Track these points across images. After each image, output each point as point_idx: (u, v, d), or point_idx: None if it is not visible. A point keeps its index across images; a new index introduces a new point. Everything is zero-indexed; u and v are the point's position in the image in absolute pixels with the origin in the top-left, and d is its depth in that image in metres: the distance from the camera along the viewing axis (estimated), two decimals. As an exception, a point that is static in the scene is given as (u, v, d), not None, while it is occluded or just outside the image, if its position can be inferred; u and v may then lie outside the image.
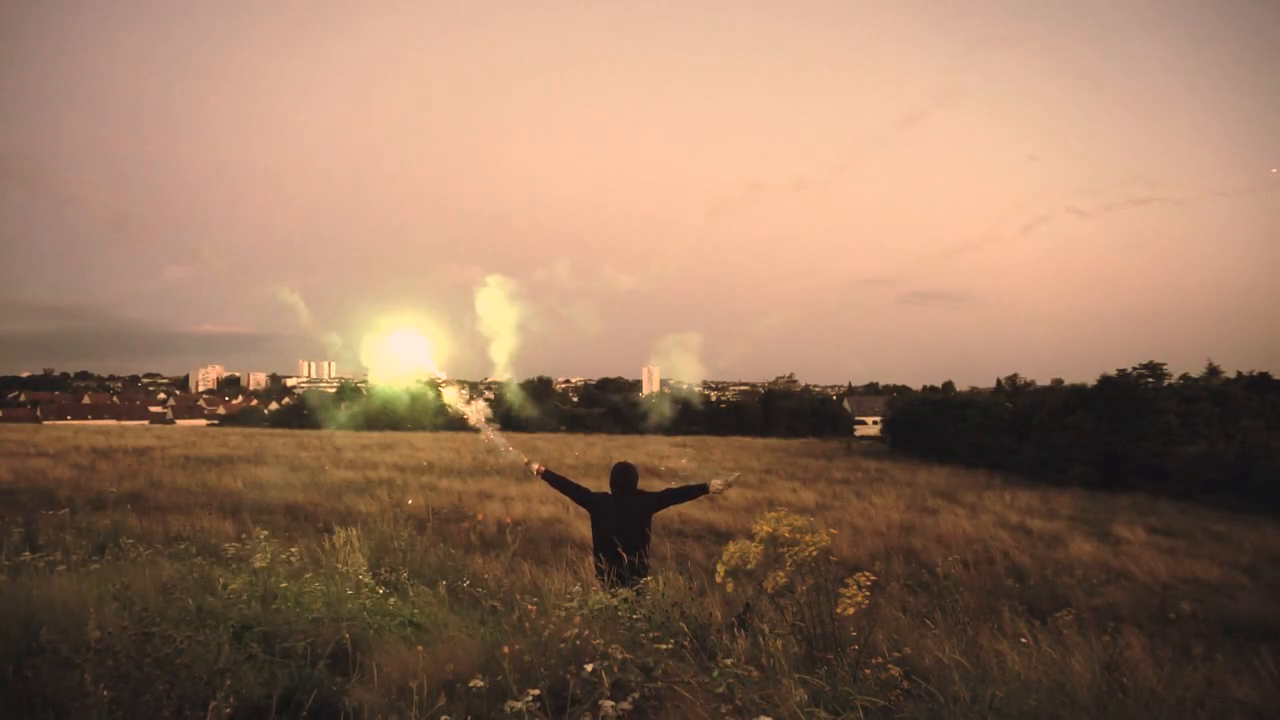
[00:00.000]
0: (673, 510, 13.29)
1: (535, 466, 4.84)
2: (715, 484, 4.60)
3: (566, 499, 4.85)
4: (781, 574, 2.86)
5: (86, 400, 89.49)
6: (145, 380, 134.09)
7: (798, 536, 2.91)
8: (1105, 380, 31.91)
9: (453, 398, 5.14)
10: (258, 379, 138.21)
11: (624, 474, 4.58)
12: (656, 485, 5.18)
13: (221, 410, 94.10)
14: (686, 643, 2.68)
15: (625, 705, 2.11)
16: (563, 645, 2.47)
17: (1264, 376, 37.63)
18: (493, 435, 5.14)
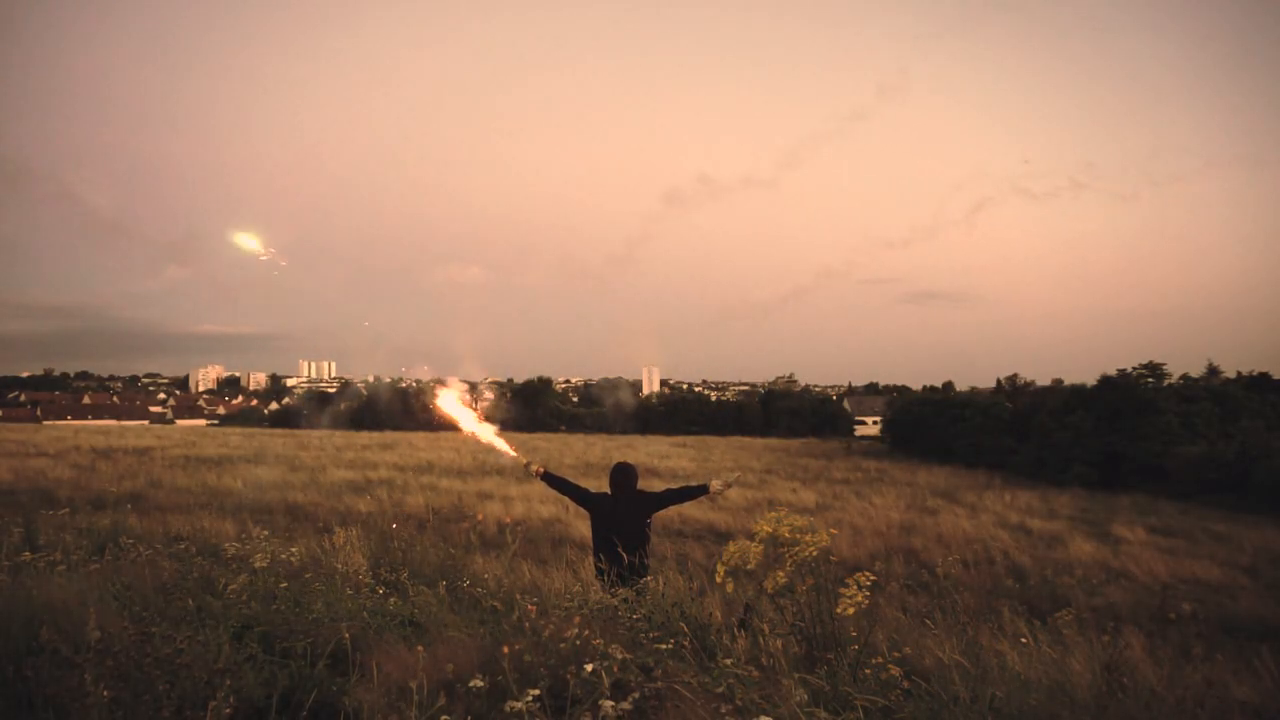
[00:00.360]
0: (673, 510, 13.29)
1: (535, 468, 4.84)
2: (715, 485, 4.60)
3: (566, 499, 4.84)
4: (782, 574, 2.86)
5: (86, 400, 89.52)
6: (145, 380, 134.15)
7: (798, 536, 2.91)
8: (1105, 380, 31.92)
9: (449, 399, 5.10)
10: (258, 379, 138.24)
11: (624, 474, 4.58)
12: (656, 485, 5.18)
13: (221, 410, 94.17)
14: (686, 643, 2.68)
15: (625, 705, 2.11)
16: (563, 645, 2.47)
17: (1264, 376, 37.65)
18: (489, 438, 5.11)
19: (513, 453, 5.03)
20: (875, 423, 58.05)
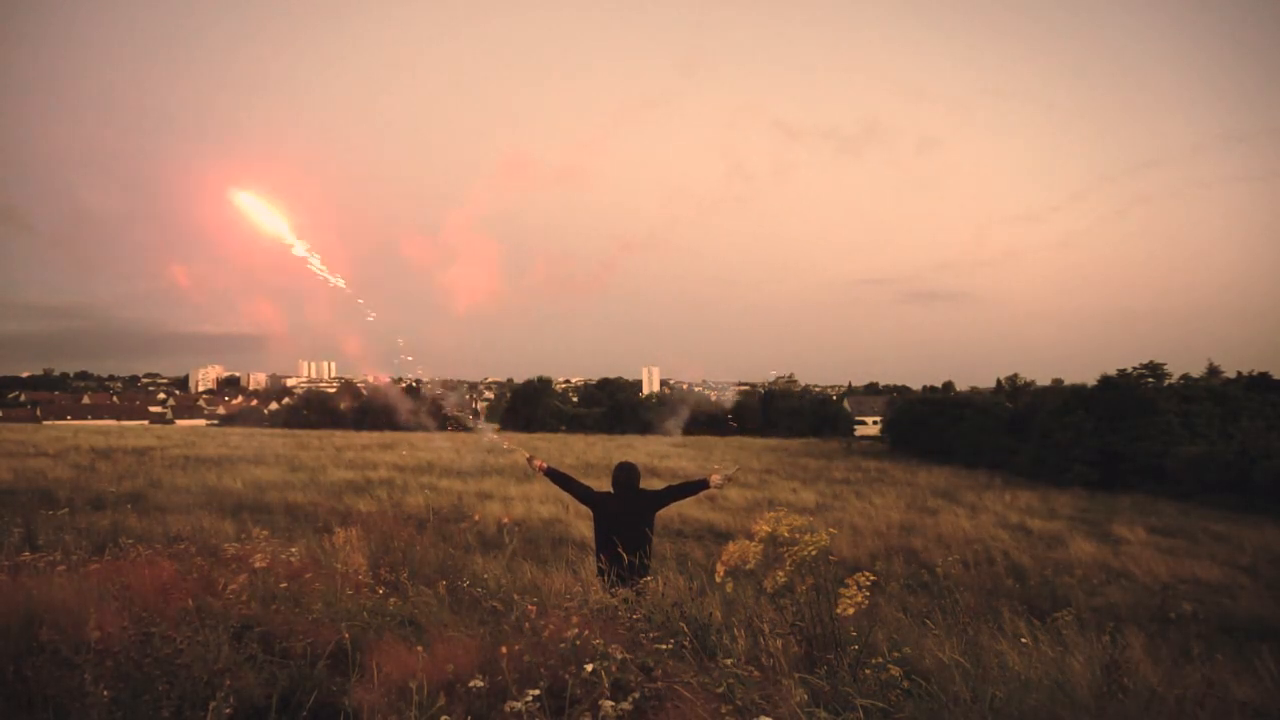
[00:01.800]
0: (673, 510, 13.28)
1: (538, 463, 4.82)
2: (715, 478, 4.62)
3: (567, 498, 4.85)
4: (781, 574, 2.86)
5: (86, 400, 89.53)
6: (145, 380, 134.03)
7: (797, 536, 2.90)
8: (1105, 380, 31.90)
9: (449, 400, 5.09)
10: (258, 379, 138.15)
11: (626, 473, 4.58)
12: (657, 485, 5.18)
13: (221, 410, 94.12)
14: (686, 643, 2.68)
15: (625, 705, 2.10)
16: (563, 645, 2.46)
17: (1264, 376, 37.57)
18: (493, 435, 5.08)
19: (515, 449, 5.02)
20: (875, 423, 58.04)
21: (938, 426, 37.80)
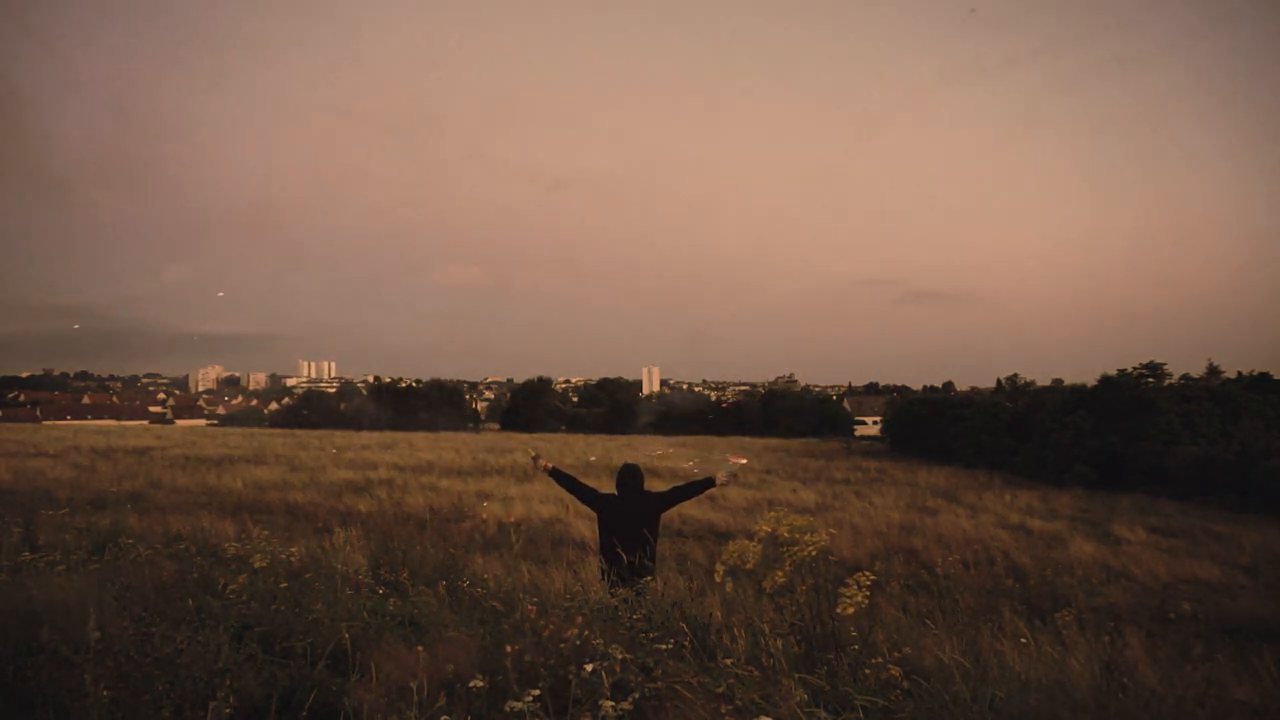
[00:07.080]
0: (673, 510, 13.24)
1: (543, 463, 4.81)
2: (721, 476, 4.62)
3: (567, 498, 4.85)
4: (781, 574, 2.86)
5: (86, 400, 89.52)
6: (145, 380, 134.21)
7: (797, 536, 2.90)
8: (1105, 380, 31.89)
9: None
10: (258, 379, 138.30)
11: (630, 475, 4.58)
12: (657, 485, 5.17)
13: (221, 410, 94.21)
14: (686, 643, 2.68)
15: (625, 705, 2.10)
16: (563, 645, 2.46)
17: (1264, 376, 37.54)
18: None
19: (519, 448, 4.98)
20: (875, 423, 58.06)
21: (938, 426, 37.79)
